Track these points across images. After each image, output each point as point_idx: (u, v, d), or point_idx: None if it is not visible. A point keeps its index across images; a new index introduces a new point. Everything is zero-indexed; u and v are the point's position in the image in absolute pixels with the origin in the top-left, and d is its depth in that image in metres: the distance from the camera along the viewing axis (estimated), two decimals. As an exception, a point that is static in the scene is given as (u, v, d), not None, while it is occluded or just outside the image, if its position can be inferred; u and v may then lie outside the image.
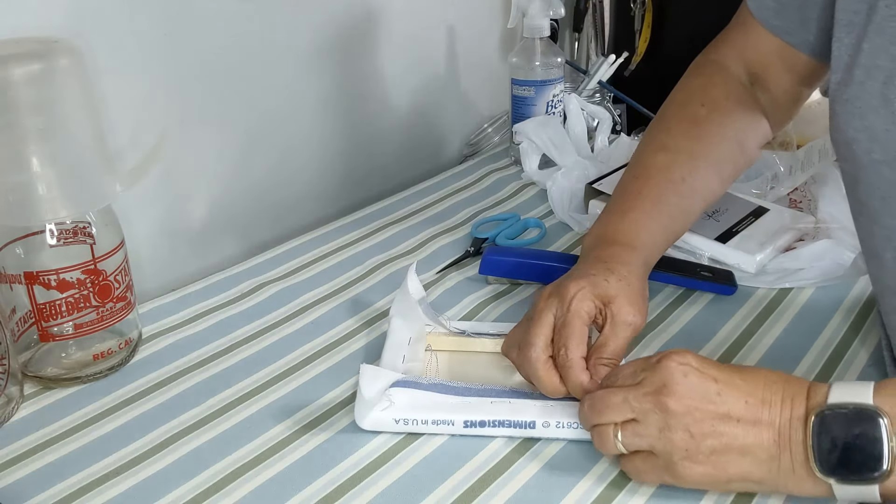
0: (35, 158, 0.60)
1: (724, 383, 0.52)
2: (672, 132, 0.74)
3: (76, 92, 0.62)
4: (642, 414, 0.52)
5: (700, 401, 0.51)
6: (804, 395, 0.51)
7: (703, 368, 0.52)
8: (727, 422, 0.51)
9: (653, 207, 0.69)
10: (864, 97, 0.55)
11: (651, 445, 0.52)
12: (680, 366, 0.52)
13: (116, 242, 0.67)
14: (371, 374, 0.60)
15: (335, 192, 1.05)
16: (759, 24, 0.70)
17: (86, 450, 0.60)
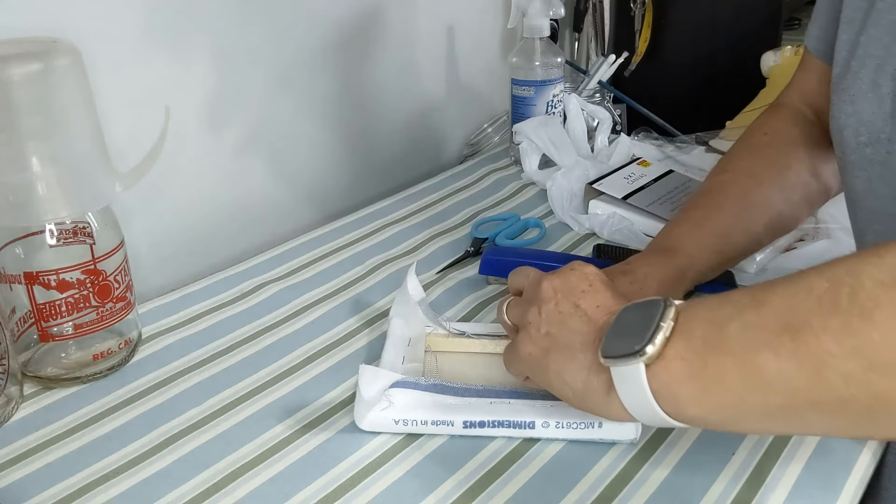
0: (35, 158, 0.60)
1: (593, 288, 0.53)
2: (733, 157, 0.73)
3: (76, 92, 0.62)
4: (527, 290, 0.57)
5: (565, 291, 0.53)
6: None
7: (592, 275, 0.54)
8: (573, 316, 0.52)
9: (704, 218, 0.68)
10: (857, 84, 0.57)
11: (517, 320, 0.56)
12: (578, 264, 0.55)
13: (116, 242, 0.67)
14: (370, 375, 0.60)
15: (335, 192, 1.05)
16: (810, 54, 0.71)
17: (86, 450, 0.60)
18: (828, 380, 0.39)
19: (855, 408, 0.39)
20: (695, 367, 0.44)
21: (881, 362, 0.37)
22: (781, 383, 0.41)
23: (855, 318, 0.38)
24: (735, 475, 0.55)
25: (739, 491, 0.54)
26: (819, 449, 0.57)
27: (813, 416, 0.41)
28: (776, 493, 0.54)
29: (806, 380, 0.40)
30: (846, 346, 0.38)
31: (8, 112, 0.59)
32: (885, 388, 0.38)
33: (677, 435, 0.59)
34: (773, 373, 0.41)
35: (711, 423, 0.46)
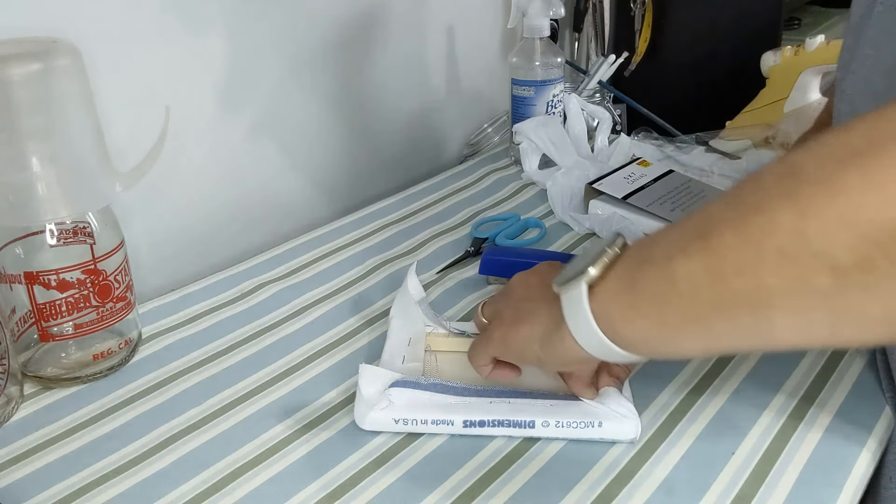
0: (35, 158, 0.60)
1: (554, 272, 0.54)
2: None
3: (76, 92, 0.62)
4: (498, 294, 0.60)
5: (536, 275, 0.57)
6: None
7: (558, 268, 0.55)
8: (538, 288, 0.55)
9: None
10: (855, 85, 0.57)
11: (490, 315, 0.60)
12: (547, 263, 0.59)
13: (116, 242, 0.67)
14: (370, 374, 0.60)
15: (335, 192, 1.05)
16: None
17: (86, 450, 0.60)
18: (723, 275, 0.39)
19: (746, 305, 0.39)
20: (625, 283, 0.46)
21: (769, 250, 0.37)
22: (689, 286, 0.41)
23: (750, 211, 0.39)
24: (735, 475, 0.55)
25: (739, 491, 0.54)
26: (819, 449, 0.57)
27: (718, 321, 0.41)
28: (776, 493, 0.54)
29: (707, 277, 0.40)
30: (739, 238, 0.39)
31: (8, 112, 0.59)
32: (772, 283, 0.38)
33: (677, 435, 0.59)
34: (682, 276, 0.42)
35: (636, 342, 0.46)
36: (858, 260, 0.35)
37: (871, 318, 0.37)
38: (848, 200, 0.35)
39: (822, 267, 0.36)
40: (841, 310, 0.37)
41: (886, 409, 0.62)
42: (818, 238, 0.36)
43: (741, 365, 0.67)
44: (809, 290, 0.37)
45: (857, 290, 0.36)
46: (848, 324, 0.38)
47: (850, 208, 0.35)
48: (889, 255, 0.34)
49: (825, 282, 0.36)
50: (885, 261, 0.34)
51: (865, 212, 0.34)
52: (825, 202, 0.35)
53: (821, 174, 0.36)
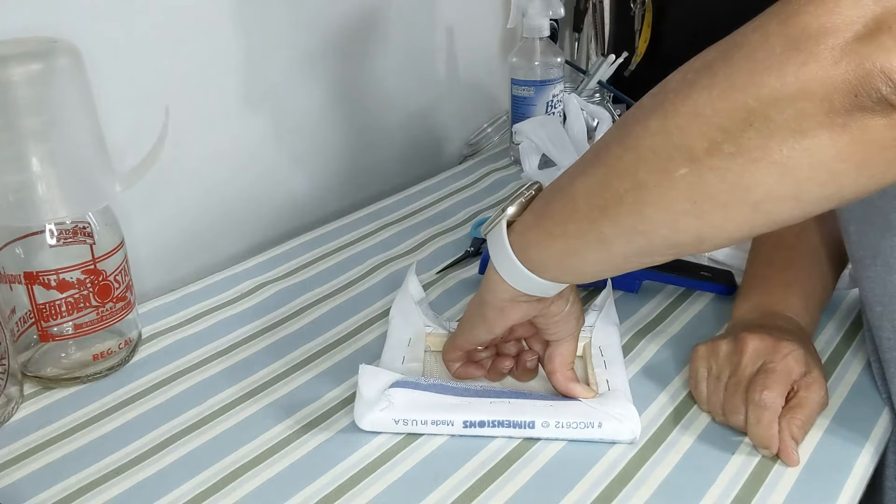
0: (35, 158, 0.60)
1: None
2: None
3: (76, 92, 0.62)
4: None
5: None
6: None
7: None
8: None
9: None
10: None
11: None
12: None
13: (116, 242, 0.67)
14: (370, 375, 0.60)
15: (335, 192, 1.05)
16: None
17: (86, 450, 0.60)
18: (609, 181, 0.46)
19: (625, 204, 0.45)
20: (537, 214, 0.52)
21: (643, 151, 0.44)
22: (585, 198, 0.48)
23: (630, 124, 0.45)
24: (735, 475, 0.55)
25: (739, 491, 0.54)
26: (819, 449, 0.57)
27: (606, 226, 0.47)
28: (776, 492, 0.54)
29: (598, 187, 0.47)
30: (622, 147, 0.45)
31: (8, 112, 0.59)
32: (646, 179, 0.44)
33: (677, 435, 0.59)
34: (581, 192, 0.48)
35: (550, 266, 0.52)
36: (708, 146, 0.41)
37: (726, 203, 0.42)
38: (699, 96, 0.41)
39: (681, 158, 0.42)
40: (699, 196, 0.42)
41: (885, 411, 0.62)
42: (677, 132, 0.42)
43: (741, 365, 0.67)
44: (673, 179, 0.43)
45: (711, 175, 0.41)
46: (708, 211, 0.43)
47: (700, 102, 0.41)
48: (734, 138, 0.40)
49: (684, 170, 0.42)
50: (730, 144, 0.40)
51: (713, 102, 0.40)
52: (682, 101, 0.42)
53: (681, 83, 0.43)
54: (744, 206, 0.42)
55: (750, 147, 0.40)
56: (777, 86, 0.38)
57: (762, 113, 0.39)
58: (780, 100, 0.38)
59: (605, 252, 0.49)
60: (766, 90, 0.38)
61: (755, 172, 0.40)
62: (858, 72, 0.36)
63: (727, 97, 0.40)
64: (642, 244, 0.46)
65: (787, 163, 0.39)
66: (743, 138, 0.40)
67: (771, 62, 0.38)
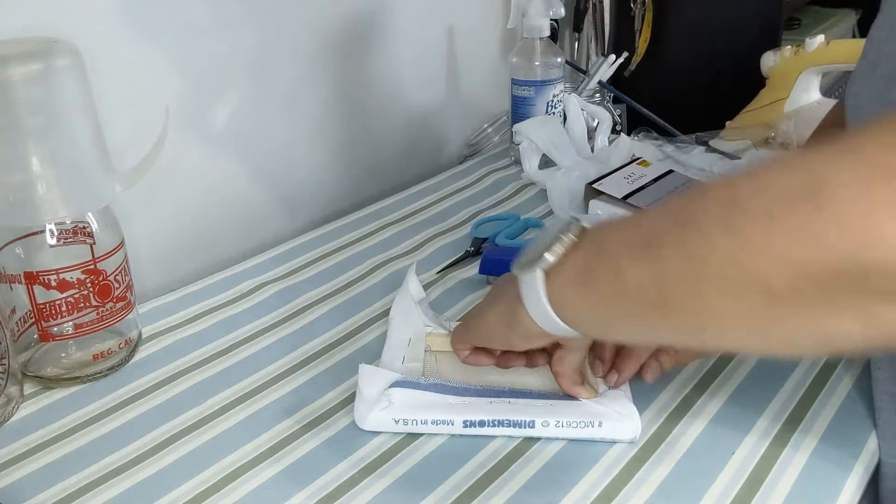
0: (35, 158, 0.60)
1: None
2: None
3: (76, 92, 0.62)
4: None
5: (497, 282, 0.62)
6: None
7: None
8: (504, 284, 0.58)
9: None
10: (860, 72, 0.57)
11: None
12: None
13: (116, 242, 0.67)
14: (370, 374, 0.60)
15: (335, 192, 1.05)
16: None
17: (86, 450, 0.60)
18: (667, 282, 0.43)
19: (684, 311, 0.43)
20: (578, 275, 0.49)
21: (708, 269, 0.41)
22: (635, 287, 0.45)
23: (692, 231, 0.42)
24: (735, 475, 0.55)
25: (739, 491, 0.54)
26: (819, 449, 0.57)
27: (656, 319, 0.45)
28: (776, 492, 0.54)
29: (652, 281, 0.44)
30: (682, 254, 0.42)
31: (8, 112, 0.59)
32: (710, 299, 0.41)
33: (677, 435, 0.59)
34: (630, 277, 0.45)
35: (586, 326, 0.51)
36: (792, 290, 0.38)
37: (799, 337, 0.40)
38: (786, 242, 0.37)
39: (756, 291, 0.39)
40: (771, 328, 0.40)
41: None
42: (755, 268, 0.38)
43: (741, 366, 0.67)
44: (743, 308, 0.40)
45: (789, 315, 0.39)
46: (777, 339, 0.41)
47: (787, 249, 0.37)
48: (822, 287, 0.37)
49: (758, 303, 0.39)
50: (818, 292, 0.37)
51: (802, 253, 0.37)
52: (764, 241, 0.38)
53: (760, 211, 0.38)
54: (815, 343, 0.41)
55: (837, 298, 0.37)
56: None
57: (859, 274, 0.36)
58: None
59: (647, 335, 0.49)
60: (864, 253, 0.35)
61: (841, 322, 0.38)
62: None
63: (823, 252, 0.36)
64: (691, 343, 0.46)
65: (876, 322, 0.37)
66: (831, 289, 0.37)
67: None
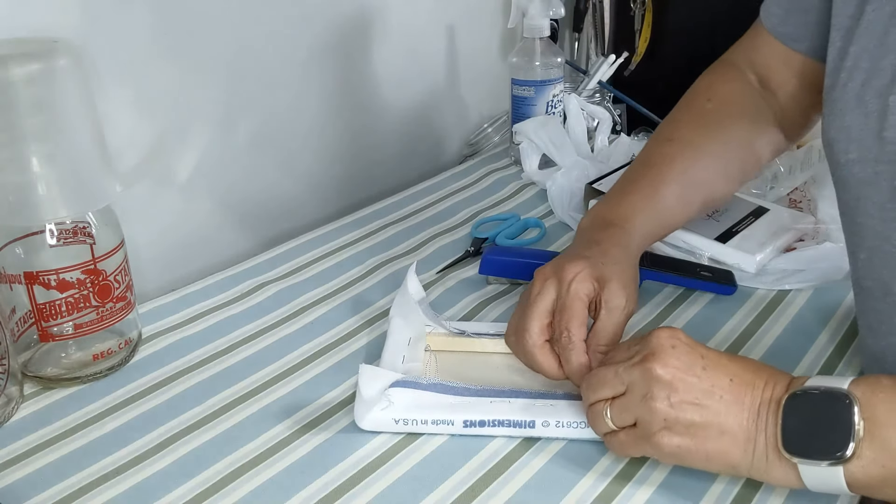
0: (35, 158, 0.61)
1: (710, 360, 0.53)
2: (678, 125, 0.74)
3: (76, 92, 0.62)
4: (630, 385, 0.53)
5: (685, 371, 0.52)
6: (786, 382, 0.52)
7: (692, 344, 0.53)
8: (710, 396, 0.51)
9: (652, 193, 0.69)
10: (845, 98, 0.56)
11: (635, 416, 0.53)
12: (670, 338, 0.53)
13: (116, 242, 0.67)
14: (370, 375, 0.60)
15: (335, 192, 1.05)
16: (766, 30, 0.71)
17: (86, 450, 0.60)
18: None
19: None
20: (890, 472, 0.47)
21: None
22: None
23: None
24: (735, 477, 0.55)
25: (739, 491, 0.54)
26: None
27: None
28: (776, 493, 0.54)
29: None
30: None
31: (9, 112, 0.59)
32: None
33: (677, 435, 0.59)
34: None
35: (875, 492, 0.49)
36: None
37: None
38: None
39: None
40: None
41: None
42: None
43: (741, 365, 0.67)
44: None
45: None
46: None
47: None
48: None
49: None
50: None
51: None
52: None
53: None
54: None
55: None
56: None
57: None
58: None
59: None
60: None
61: None
62: None
63: None
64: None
65: None
66: None
67: None
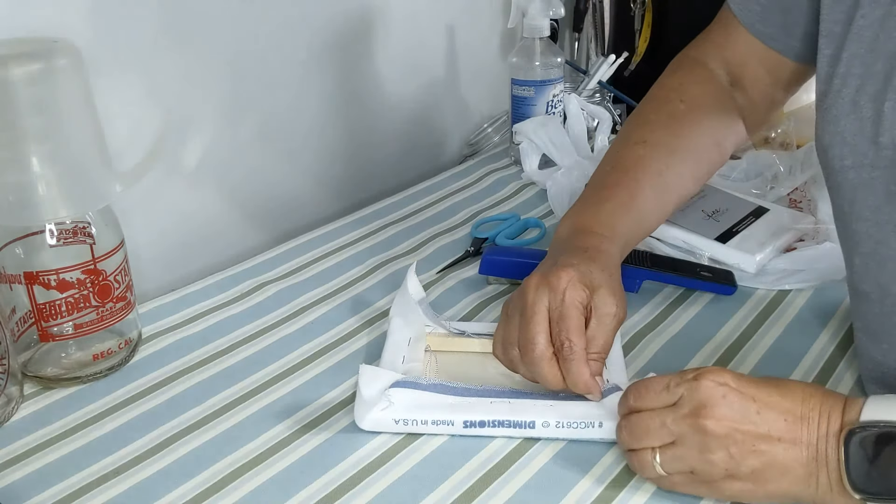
0: (35, 158, 0.60)
1: (762, 402, 0.51)
2: (651, 126, 0.73)
3: (76, 92, 0.62)
4: (681, 437, 0.52)
5: (740, 422, 0.51)
6: (840, 411, 0.50)
7: (741, 388, 0.52)
8: (767, 441, 0.50)
9: (630, 200, 0.69)
10: (839, 104, 0.56)
11: (692, 467, 0.52)
12: (718, 386, 0.51)
13: (116, 242, 0.67)
14: (370, 375, 0.60)
15: (335, 192, 1.05)
16: (741, 26, 0.71)
17: (86, 450, 0.60)
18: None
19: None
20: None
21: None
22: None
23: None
24: (735, 475, 0.55)
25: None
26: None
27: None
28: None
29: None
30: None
31: (8, 112, 0.59)
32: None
33: (677, 435, 0.59)
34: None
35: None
36: None
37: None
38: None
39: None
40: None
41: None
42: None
43: (740, 366, 0.67)
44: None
45: None
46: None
47: None
48: None
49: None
50: None
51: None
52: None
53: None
54: None
55: None
56: None
57: None
58: None
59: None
60: None
61: None
62: None
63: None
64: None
65: None
66: None
67: None
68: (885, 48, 0.54)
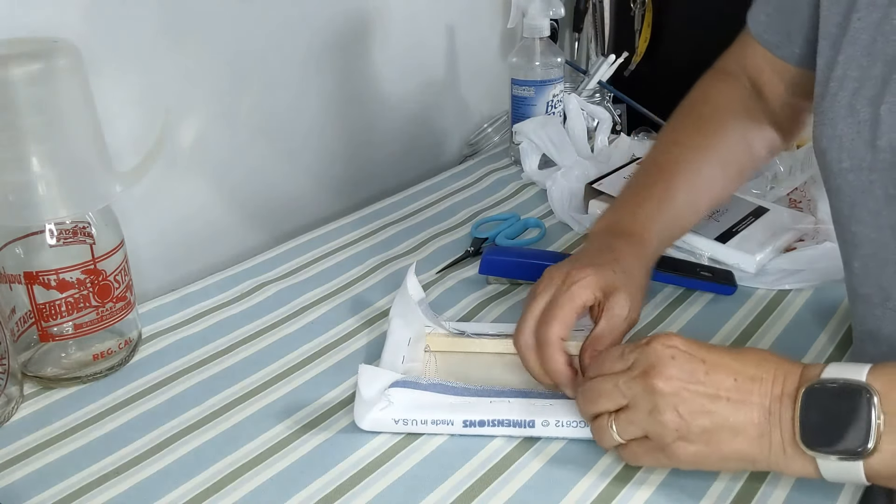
0: (35, 158, 0.61)
1: (711, 363, 0.52)
2: (679, 129, 0.75)
3: (76, 92, 0.62)
4: (633, 398, 0.53)
5: (688, 381, 0.51)
6: (797, 373, 0.51)
7: (690, 350, 0.53)
8: (716, 401, 0.51)
9: (663, 201, 0.70)
10: (836, 107, 0.56)
11: (644, 430, 0.52)
12: (667, 348, 0.53)
13: (116, 242, 0.67)
14: (370, 375, 0.60)
15: (335, 192, 1.05)
16: (752, 37, 0.72)
17: (86, 450, 0.60)
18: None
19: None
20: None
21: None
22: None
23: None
24: (735, 475, 0.55)
25: (739, 491, 0.54)
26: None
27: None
28: (776, 492, 0.54)
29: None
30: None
31: (8, 112, 0.59)
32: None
33: (677, 435, 0.59)
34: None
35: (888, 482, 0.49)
36: None
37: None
38: None
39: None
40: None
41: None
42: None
43: (741, 365, 0.67)
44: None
45: None
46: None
47: None
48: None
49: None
50: None
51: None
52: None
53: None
54: None
55: None
56: None
57: None
58: None
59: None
60: None
61: None
62: None
63: None
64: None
65: None
66: None
67: None
68: (882, 52, 0.54)
